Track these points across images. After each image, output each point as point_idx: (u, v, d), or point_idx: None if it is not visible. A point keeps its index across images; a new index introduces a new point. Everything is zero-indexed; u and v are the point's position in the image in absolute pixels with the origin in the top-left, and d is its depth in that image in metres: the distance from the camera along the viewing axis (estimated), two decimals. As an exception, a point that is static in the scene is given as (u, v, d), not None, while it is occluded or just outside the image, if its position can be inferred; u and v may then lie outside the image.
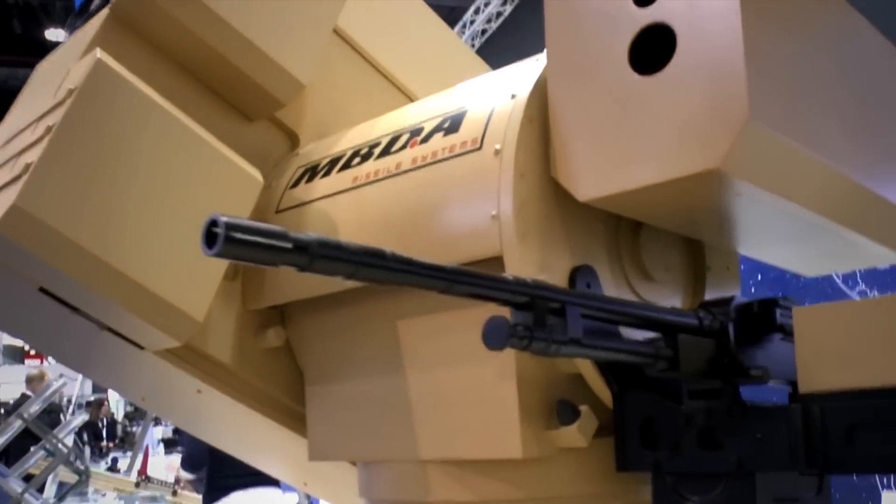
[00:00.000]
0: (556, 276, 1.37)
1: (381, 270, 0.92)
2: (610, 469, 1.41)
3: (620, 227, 1.55)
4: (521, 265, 1.33)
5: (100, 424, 13.02)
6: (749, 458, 1.25)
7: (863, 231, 1.54)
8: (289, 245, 0.84)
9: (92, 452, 7.33)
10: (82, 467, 6.36)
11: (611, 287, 1.46)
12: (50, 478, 6.45)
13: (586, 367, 1.39)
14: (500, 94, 1.47)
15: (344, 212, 1.68)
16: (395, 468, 1.64)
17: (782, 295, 1.41)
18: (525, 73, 1.48)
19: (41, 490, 6.38)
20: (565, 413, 1.41)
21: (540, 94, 1.41)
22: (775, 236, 1.60)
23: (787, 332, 1.34)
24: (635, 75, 1.28)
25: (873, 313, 1.24)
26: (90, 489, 6.80)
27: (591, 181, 1.32)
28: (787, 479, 1.33)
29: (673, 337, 1.20)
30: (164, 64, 1.85)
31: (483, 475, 1.50)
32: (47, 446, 5.93)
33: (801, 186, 1.34)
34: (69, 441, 6.52)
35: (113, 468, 9.90)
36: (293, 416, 1.90)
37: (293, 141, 2.04)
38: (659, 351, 1.18)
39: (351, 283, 1.61)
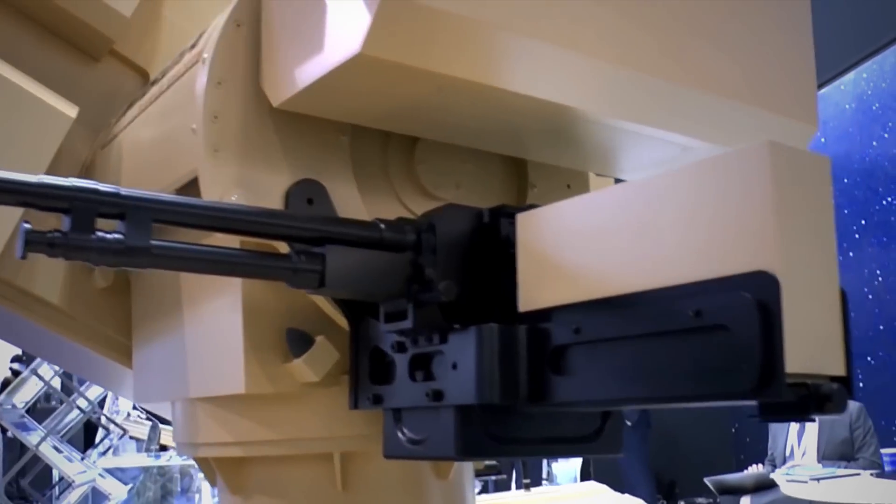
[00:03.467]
0: (266, 194, 1.21)
1: None
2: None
3: (390, 141, 1.38)
4: (215, 182, 1.19)
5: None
6: (449, 389, 1.08)
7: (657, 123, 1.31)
8: None
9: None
10: (146, 421, 6.64)
11: (355, 205, 1.29)
12: (103, 434, 6.79)
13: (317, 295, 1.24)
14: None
15: (124, 143, 1.59)
16: (179, 408, 1.55)
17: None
18: None
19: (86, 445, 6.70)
20: (296, 344, 1.26)
21: None
22: (574, 141, 1.38)
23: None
24: None
25: (594, 209, 1.03)
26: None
27: (280, 83, 1.17)
28: (541, 417, 1.15)
29: (321, 248, 1.03)
30: None
31: (240, 415, 1.38)
32: (77, 403, 6.22)
33: (521, 74, 1.12)
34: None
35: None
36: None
37: (145, 78, 1.97)
38: (296, 264, 1.02)
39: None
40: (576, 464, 9.57)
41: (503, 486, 7.47)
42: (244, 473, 1.45)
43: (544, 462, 9.87)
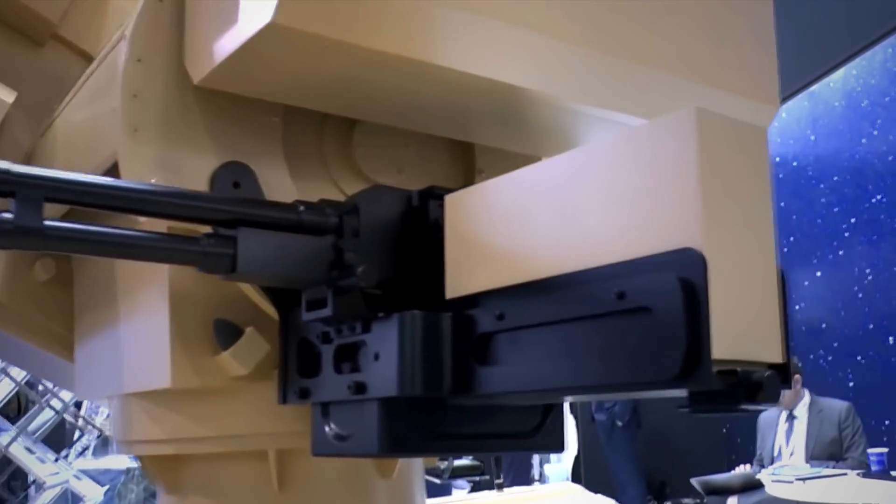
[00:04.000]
0: (190, 177, 1.15)
1: None
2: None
3: (327, 123, 1.32)
4: (135, 163, 1.13)
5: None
6: (371, 381, 1.01)
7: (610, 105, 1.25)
8: None
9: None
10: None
11: (287, 189, 1.22)
12: (77, 434, 6.69)
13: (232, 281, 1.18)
14: None
15: (59, 128, 1.53)
16: (116, 405, 1.48)
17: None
18: None
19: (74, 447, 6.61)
20: (223, 336, 1.20)
21: None
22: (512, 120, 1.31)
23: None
24: None
25: (519, 187, 0.96)
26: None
27: (200, 59, 1.10)
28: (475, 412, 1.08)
29: (232, 230, 0.97)
30: None
31: (170, 411, 1.31)
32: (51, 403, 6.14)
33: (456, 49, 1.06)
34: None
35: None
36: None
37: (91, 63, 1.91)
38: (205, 247, 0.95)
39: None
40: (567, 465, 9.51)
41: (491, 487, 7.40)
42: (180, 472, 1.38)
43: (535, 463, 9.81)
